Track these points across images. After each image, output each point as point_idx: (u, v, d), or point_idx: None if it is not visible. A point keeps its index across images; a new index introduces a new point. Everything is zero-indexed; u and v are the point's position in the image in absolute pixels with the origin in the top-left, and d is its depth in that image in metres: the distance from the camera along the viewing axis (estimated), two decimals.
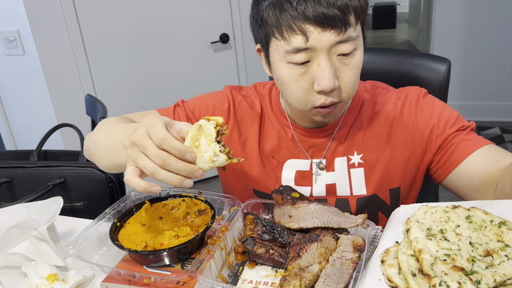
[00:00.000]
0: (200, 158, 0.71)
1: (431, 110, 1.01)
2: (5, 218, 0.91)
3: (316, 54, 0.84)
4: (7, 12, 2.32)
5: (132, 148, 0.72)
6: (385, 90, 1.07)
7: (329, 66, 0.84)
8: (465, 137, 0.98)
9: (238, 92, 1.11)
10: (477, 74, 3.75)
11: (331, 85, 0.84)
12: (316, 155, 1.05)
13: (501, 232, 0.68)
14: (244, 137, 1.08)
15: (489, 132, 3.66)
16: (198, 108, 1.09)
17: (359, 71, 0.88)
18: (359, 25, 0.85)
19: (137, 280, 0.78)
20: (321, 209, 0.81)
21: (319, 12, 0.79)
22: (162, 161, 0.68)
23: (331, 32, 0.81)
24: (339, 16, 0.80)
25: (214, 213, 0.87)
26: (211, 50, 2.88)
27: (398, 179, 1.03)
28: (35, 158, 1.50)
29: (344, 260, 0.72)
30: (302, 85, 0.87)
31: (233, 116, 1.08)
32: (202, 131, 0.71)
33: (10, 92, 2.58)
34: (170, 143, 0.68)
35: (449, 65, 1.25)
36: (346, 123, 1.03)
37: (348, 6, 0.81)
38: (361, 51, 0.88)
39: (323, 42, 0.82)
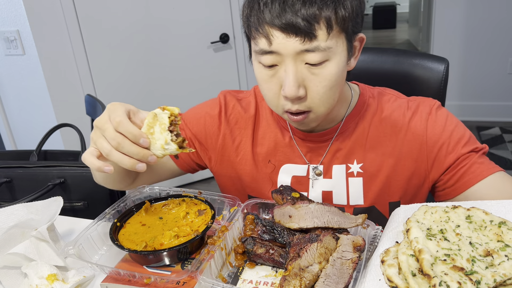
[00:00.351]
0: (154, 144, 0.75)
1: (443, 125, 0.95)
2: (5, 218, 0.91)
3: (282, 59, 0.81)
4: (7, 12, 2.32)
5: (95, 131, 0.77)
6: (395, 97, 1.02)
7: (294, 74, 0.81)
8: (478, 160, 0.93)
9: (233, 96, 1.09)
10: (477, 74, 3.75)
11: (293, 93, 0.82)
12: (313, 160, 1.02)
13: (501, 232, 0.68)
14: (237, 141, 1.06)
15: (489, 132, 3.66)
16: (190, 117, 1.09)
17: (331, 84, 0.83)
18: (336, 36, 0.80)
19: (137, 280, 0.78)
20: (321, 209, 0.81)
21: (283, 18, 0.77)
22: (117, 143, 0.73)
23: (296, 39, 0.78)
24: (303, 25, 0.76)
25: (214, 213, 0.87)
26: (211, 50, 2.88)
27: (399, 193, 0.99)
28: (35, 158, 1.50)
29: (344, 260, 0.72)
30: (271, 87, 0.86)
31: (225, 121, 1.06)
32: (157, 119, 0.75)
33: (10, 92, 2.58)
34: (126, 127, 0.73)
35: (447, 64, 1.24)
36: (346, 128, 0.99)
37: (315, 16, 0.76)
38: (336, 64, 0.82)
39: (287, 48, 0.79)
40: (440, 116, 0.96)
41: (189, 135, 1.08)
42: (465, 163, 0.93)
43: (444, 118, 0.96)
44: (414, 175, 0.98)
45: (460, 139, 0.94)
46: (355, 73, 0.99)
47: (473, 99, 3.85)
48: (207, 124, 1.07)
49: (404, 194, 1.00)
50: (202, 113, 1.08)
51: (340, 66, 0.84)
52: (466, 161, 0.93)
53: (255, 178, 1.06)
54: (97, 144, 0.76)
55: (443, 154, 0.94)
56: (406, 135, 0.97)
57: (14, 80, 2.52)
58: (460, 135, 0.94)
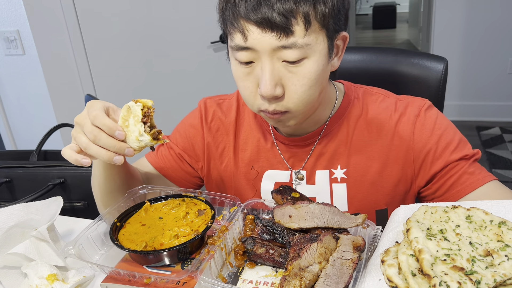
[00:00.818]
0: (129, 137, 0.77)
1: (432, 129, 0.91)
2: (5, 218, 0.91)
3: (259, 56, 0.78)
4: (7, 12, 2.32)
5: (75, 127, 0.79)
6: (382, 96, 0.97)
7: (270, 72, 0.78)
8: (468, 170, 0.88)
9: (214, 101, 1.07)
10: (477, 74, 3.75)
11: (270, 92, 0.78)
12: (296, 166, 0.99)
13: (501, 232, 0.68)
14: (221, 148, 1.05)
15: (489, 132, 3.66)
16: (176, 136, 1.10)
17: (310, 82, 0.80)
18: (315, 33, 0.77)
19: (137, 280, 0.78)
20: (321, 209, 0.81)
21: (258, 13, 0.74)
22: (94, 136, 0.75)
23: (272, 35, 0.75)
24: (280, 20, 0.73)
25: (214, 213, 0.87)
26: (211, 50, 2.88)
27: (385, 200, 0.96)
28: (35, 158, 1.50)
29: (344, 260, 0.72)
30: (247, 85, 0.83)
31: (207, 129, 1.05)
32: (131, 112, 0.77)
33: (10, 92, 2.58)
34: (101, 120, 0.75)
35: (446, 64, 1.24)
36: (330, 131, 0.95)
37: (292, 11, 0.73)
38: (315, 62, 0.79)
39: (263, 44, 0.76)
40: (429, 119, 0.92)
41: (178, 151, 1.08)
42: (453, 172, 0.89)
43: (433, 120, 0.92)
44: (401, 181, 0.94)
45: (448, 144, 0.90)
46: (353, 73, 0.99)
47: (473, 99, 3.85)
48: (191, 136, 1.07)
49: (392, 201, 0.96)
50: (185, 127, 1.09)
51: (320, 65, 0.80)
52: (455, 170, 0.89)
53: (239, 184, 1.05)
54: (76, 139, 0.77)
55: (429, 160, 0.91)
56: (393, 139, 0.93)
57: (14, 80, 2.52)
58: (448, 140, 0.90)
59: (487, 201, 0.79)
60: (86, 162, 0.76)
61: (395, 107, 0.94)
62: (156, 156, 1.10)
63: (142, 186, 0.99)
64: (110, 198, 0.99)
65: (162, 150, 1.10)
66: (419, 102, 0.94)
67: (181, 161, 1.08)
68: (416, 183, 0.95)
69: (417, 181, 0.94)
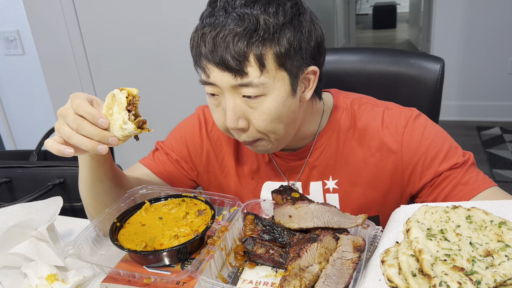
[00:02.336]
0: (113, 125, 0.75)
1: (420, 139, 0.91)
2: (5, 218, 0.91)
3: (222, 91, 0.83)
4: (7, 12, 2.32)
5: (58, 120, 0.77)
6: (371, 105, 0.97)
7: (232, 107, 0.82)
8: (461, 179, 0.88)
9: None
10: (477, 74, 3.75)
11: (232, 126, 0.83)
12: (292, 178, 1.02)
13: (501, 232, 0.68)
14: (221, 158, 1.07)
15: (489, 132, 3.66)
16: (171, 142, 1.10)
17: (271, 117, 0.83)
18: (272, 72, 0.80)
19: (137, 280, 0.78)
20: (321, 209, 0.81)
21: (215, 54, 0.78)
22: (77, 125, 0.74)
23: (229, 74, 0.79)
24: (233, 62, 0.77)
25: (214, 213, 0.87)
26: None
27: (376, 207, 0.98)
28: (35, 158, 1.50)
29: (344, 260, 0.72)
30: (218, 117, 0.88)
31: (207, 138, 1.06)
32: (115, 100, 0.75)
33: (10, 92, 2.58)
34: (84, 108, 0.74)
35: (443, 64, 1.24)
36: (319, 146, 0.98)
37: (245, 53, 0.77)
38: (274, 99, 0.82)
39: (223, 82, 0.80)
40: (416, 129, 0.92)
41: (175, 157, 1.09)
42: (447, 183, 0.89)
43: (420, 131, 0.92)
44: (390, 191, 0.96)
45: (437, 154, 0.90)
46: (351, 73, 0.99)
47: (473, 99, 3.85)
48: (189, 142, 1.08)
49: (383, 208, 0.98)
50: (182, 134, 1.09)
51: (280, 102, 0.82)
52: (448, 181, 0.89)
53: (239, 193, 1.06)
54: (59, 131, 0.76)
55: (418, 170, 0.92)
56: (381, 149, 0.94)
57: (14, 80, 2.52)
58: (437, 150, 0.90)
59: (487, 201, 0.79)
60: (69, 152, 0.75)
61: (382, 118, 0.95)
62: (153, 161, 1.09)
63: (142, 186, 0.99)
64: (99, 203, 0.97)
65: (159, 155, 1.10)
66: (406, 113, 0.94)
67: (179, 165, 1.10)
68: (407, 191, 0.96)
69: (408, 190, 0.96)
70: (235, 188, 1.07)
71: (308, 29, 0.83)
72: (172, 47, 2.75)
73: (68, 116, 0.75)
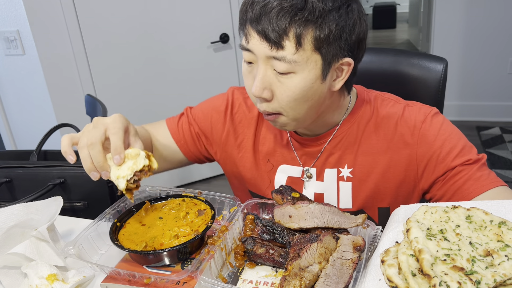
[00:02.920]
0: (114, 168, 0.80)
1: (436, 134, 0.93)
2: (5, 218, 0.91)
3: (256, 59, 0.86)
4: (7, 12, 2.32)
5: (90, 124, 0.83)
6: (393, 101, 1.00)
7: (261, 76, 0.85)
8: (473, 175, 0.90)
9: (241, 94, 1.11)
10: (477, 74, 3.75)
11: (257, 93, 0.86)
12: (307, 163, 1.04)
13: (501, 232, 0.68)
14: (240, 139, 1.09)
15: (489, 132, 3.66)
16: (199, 112, 1.14)
17: (295, 95, 0.85)
18: (307, 53, 0.82)
19: (137, 280, 0.78)
20: (321, 209, 0.81)
21: (259, 24, 0.82)
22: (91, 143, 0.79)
23: (266, 44, 0.82)
24: (273, 35, 0.81)
25: (214, 213, 0.87)
26: (211, 50, 2.88)
27: (388, 199, 1.00)
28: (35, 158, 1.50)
29: (344, 260, 0.72)
30: (248, 83, 0.91)
31: (230, 118, 1.10)
32: (136, 158, 0.80)
33: (10, 92, 2.58)
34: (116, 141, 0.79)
35: (446, 64, 1.24)
36: (340, 133, 1.00)
37: (285, 30, 0.80)
38: (302, 79, 0.84)
39: (259, 49, 0.84)
40: (434, 125, 0.94)
41: (197, 130, 1.13)
42: (459, 177, 0.91)
43: (438, 126, 0.94)
44: (404, 183, 0.97)
45: (451, 150, 0.92)
46: None
47: (473, 99, 3.85)
48: (214, 120, 1.11)
49: (394, 201, 0.99)
50: (210, 109, 1.13)
51: (308, 82, 0.85)
52: (461, 175, 0.90)
53: (254, 175, 1.09)
54: (82, 134, 0.81)
55: (433, 164, 0.93)
56: (398, 142, 0.96)
57: (14, 80, 2.52)
58: (452, 145, 0.92)
59: (487, 201, 0.79)
60: (70, 159, 0.81)
61: (402, 112, 0.97)
62: (177, 126, 1.14)
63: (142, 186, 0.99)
64: None
65: (183, 123, 1.14)
66: (425, 109, 0.97)
67: (198, 140, 1.14)
68: (420, 186, 0.97)
69: (420, 184, 0.97)
70: (250, 169, 1.09)
71: (353, 22, 0.84)
72: (172, 47, 2.75)
73: (95, 130, 0.80)
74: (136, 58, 2.68)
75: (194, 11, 2.74)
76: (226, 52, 2.92)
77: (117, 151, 0.79)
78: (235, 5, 2.82)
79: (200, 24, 2.78)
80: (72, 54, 2.46)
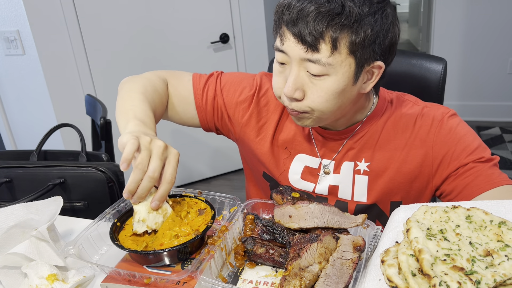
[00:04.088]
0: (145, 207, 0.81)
1: (452, 133, 0.96)
2: (5, 218, 0.91)
3: (290, 61, 0.88)
4: (7, 12, 2.32)
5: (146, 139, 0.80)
6: (412, 103, 1.04)
7: (294, 77, 0.87)
8: (484, 172, 0.92)
9: (269, 80, 1.12)
10: (477, 74, 3.75)
11: (289, 94, 0.88)
12: (326, 156, 1.05)
13: (501, 232, 0.68)
14: (262, 122, 1.10)
15: (489, 132, 3.66)
16: (228, 85, 1.13)
17: (327, 96, 0.87)
18: (342, 56, 0.84)
19: (137, 280, 0.78)
20: (321, 209, 0.81)
21: (295, 26, 0.83)
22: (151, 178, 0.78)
23: (302, 47, 0.84)
24: (310, 38, 0.82)
25: (214, 213, 0.87)
26: (211, 50, 2.88)
27: (401, 193, 1.02)
28: (35, 158, 1.50)
29: (344, 260, 0.72)
30: (279, 81, 0.92)
31: (256, 102, 1.10)
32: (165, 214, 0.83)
33: (10, 92, 2.58)
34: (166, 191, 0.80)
35: (446, 64, 1.25)
36: (362, 130, 1.02)
37: (322, 33, 0.81)
38: (335, 81, 0.86)
39: (293, 51, 0.85)
40: (450, 124, 0.97)
41: (221, 104, 1.12)
42: (468, 174, 0.92)
43: (454, 126, 0.97)
44: (417, 179, 0.99)
45: (465, 148, 0.94)
46: None
47: (473, 99, 3.85)
48: (240, 100, 1.11)
49: (407, 196, 1.02)
50: (240, 87, 1.12)
51: (340, 85, 0.87)
52: (470, 172, 0.92)
53: (270, 160, 1.10)
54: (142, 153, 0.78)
55: (447, 160, 0.95)
56: (415, 140, 0.98)
57: (14, 80, 2.52)
58: (466, 144, 0.94)
59: (487, 201, 0.79)
60: (123, 167, 0.77)
61: (421, 112, 1.00)
62: (202, 91, 1.12)
63: None
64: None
65: (210, 88, 1.12)
66: (443, 110, 1.00)
67: (219, 113, 1.13)
68: (433, 182, 0.99)
69: (434, 181, 0.99)
70: (266, 154, 1.10)
71: (387, 27, 0.86)
72: (172, 47, 2.75)
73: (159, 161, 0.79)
74: (136, 58, 2.68)
75: (194, 11, 2.74)
76: (226, 52, 2.92)
77: (161, 199, 0.80)
78: (235, 5, 2.82)
79: (200, 24, 2.78)
80: (72, 54, 2.46)
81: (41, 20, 2.32)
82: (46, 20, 2.34)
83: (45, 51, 2.37)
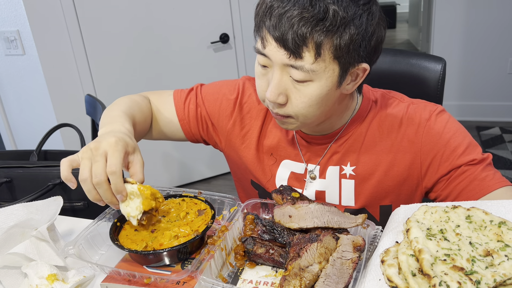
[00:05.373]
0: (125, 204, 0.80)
1: (441, 133, 0.93)
2: (5, 218, 0.91)
3: (272, 64, 0.85)
4: (7, 12, 2.32)
5: (87, 151, 0.79)
6: (397, 100, 1.00)
7: (277, 82, 0.84)
8: (478, 176, 0.89)
9: (252, 85, 1.10)
10: (477, 74, 3.75)
11: (272, 99, 0.85)
12: (311, 161, 1.04)
13: (501, 232, 0.68)
14: (245, 130, 1.09)
15: (489, 132, 3.66)
16: (209, 95, 1.12)
17: (310, 102, 0.85)
18: (325, 62, 0.81)
19: (137, 280, 0.78)
20: (321, 209, 0.81)
21: (277, 30, 0.79)
22: (96, 182, 0.76)
23: (284, 52, 0.80)
24: (292, 43, 0.78)
25: (214, 213, 0.87)
26: (211, 50, 2.88)
27: (390, 197, 0.99)
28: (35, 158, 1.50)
29: (344, 260, 0.72)
30: (261, 84, 0.90)
31: (239, 108, 1.09)
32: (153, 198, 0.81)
33: (10, 92, 2.58)
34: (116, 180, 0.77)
35: (445, 64, 1.24)
36: (346, 133, 1.00)
37: (305, 38, 0.77)
38: (319, 87, 0.83)
39: (276, 56, 0.82)
40: (439, 123, 0.94)
41: (204, 114, 1.11)
42: (464, 178, 0.90)
43: (442, 125, 0.93)
44: (407, 181, 0.97)
45: (456, 148, 0.91)
46: None
47: (473, 99, 3.84)
48: (222, 106, 1.10)
49: (396, 199, 0.99)
50: (220, 94, 1.11)
51: (324, 90, 0.84)
52: (465, 176, 0.90)
53: (256, 167, 1.09)
54: (81, 165, 0.78)
55: (437, 162, 0.93)
56: (402, 141, 0.95)
57: (14, 80, 2.52)
58: (457, 144, 0.91)
59: (486, 201, 0.79)
60: (71, 185, 0.79)
61: (407, 110, 0.97)
62: (183, 104, 1.12)
63: None
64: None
65: (191, 102, 1.12)
66: (430, 107, 0.96)
67: (203, 124, 1.12)
68: (423, 184, 0.96)
69: (423, 183, 0.96)
70: (252, 161, 1.09)
71: (373, 28, 0.83)
72: (172, 47, 2.75)
73: (96, 166, 0.77)
74: (136, 58, 2.68)
75: (194, 11, 2.74)
76: (226, 52, 2.92)
77: (118, 191, 0.78)
78: (235, 5, 2.82)
79: (200, 24, 2.78)
80: (72, 54, 2.46)
81: (41, 20, 2.32)
82: (46, 20, 2.34)
83: (45, 51, 2.37)
